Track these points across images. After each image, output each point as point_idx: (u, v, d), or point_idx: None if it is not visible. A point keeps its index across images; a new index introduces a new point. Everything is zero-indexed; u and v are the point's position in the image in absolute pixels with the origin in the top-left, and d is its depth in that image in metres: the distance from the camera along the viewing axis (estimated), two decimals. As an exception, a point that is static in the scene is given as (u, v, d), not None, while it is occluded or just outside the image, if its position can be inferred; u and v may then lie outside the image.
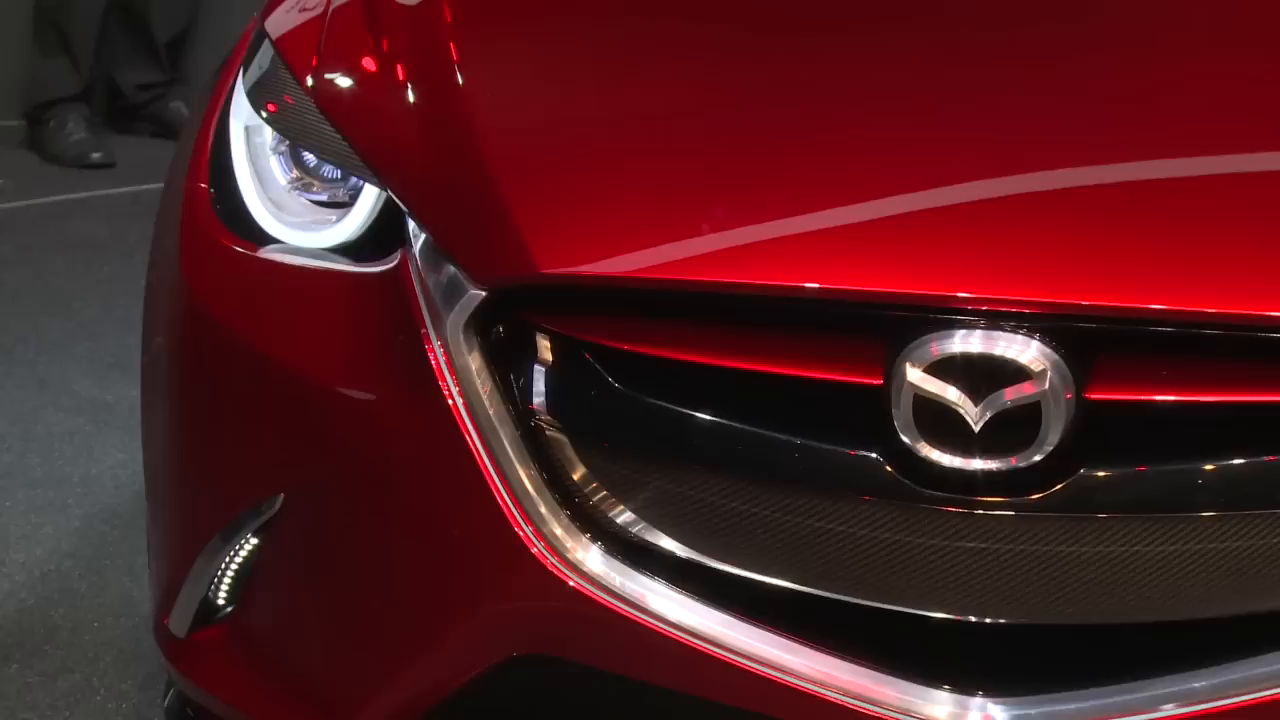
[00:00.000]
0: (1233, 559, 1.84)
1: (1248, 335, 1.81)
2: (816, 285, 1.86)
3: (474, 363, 1.97)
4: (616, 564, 1.97)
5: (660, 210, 1.96)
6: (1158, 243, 1.87)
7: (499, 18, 2.31)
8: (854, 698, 1.91)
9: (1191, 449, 1.83)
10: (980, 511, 1.84)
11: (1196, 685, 1.87)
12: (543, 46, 2.29)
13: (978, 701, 1.90)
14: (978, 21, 2.25)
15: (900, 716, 1.90)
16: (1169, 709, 1.87)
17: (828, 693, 1.92)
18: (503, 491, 1.97)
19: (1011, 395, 1.81)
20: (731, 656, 1.93)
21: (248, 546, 2.22)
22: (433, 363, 1.99)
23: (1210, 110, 2.05)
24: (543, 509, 1.97)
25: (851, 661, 1.92)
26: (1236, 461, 1.82)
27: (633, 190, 1.99)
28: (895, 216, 1.92)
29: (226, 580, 2.26)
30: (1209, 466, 1.82)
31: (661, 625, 1.95)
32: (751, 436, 1.88)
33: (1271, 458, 1.81)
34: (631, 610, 1.95)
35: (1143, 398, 1.82)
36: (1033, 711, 1.88)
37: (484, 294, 1.96)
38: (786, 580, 1.94)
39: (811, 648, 1.93)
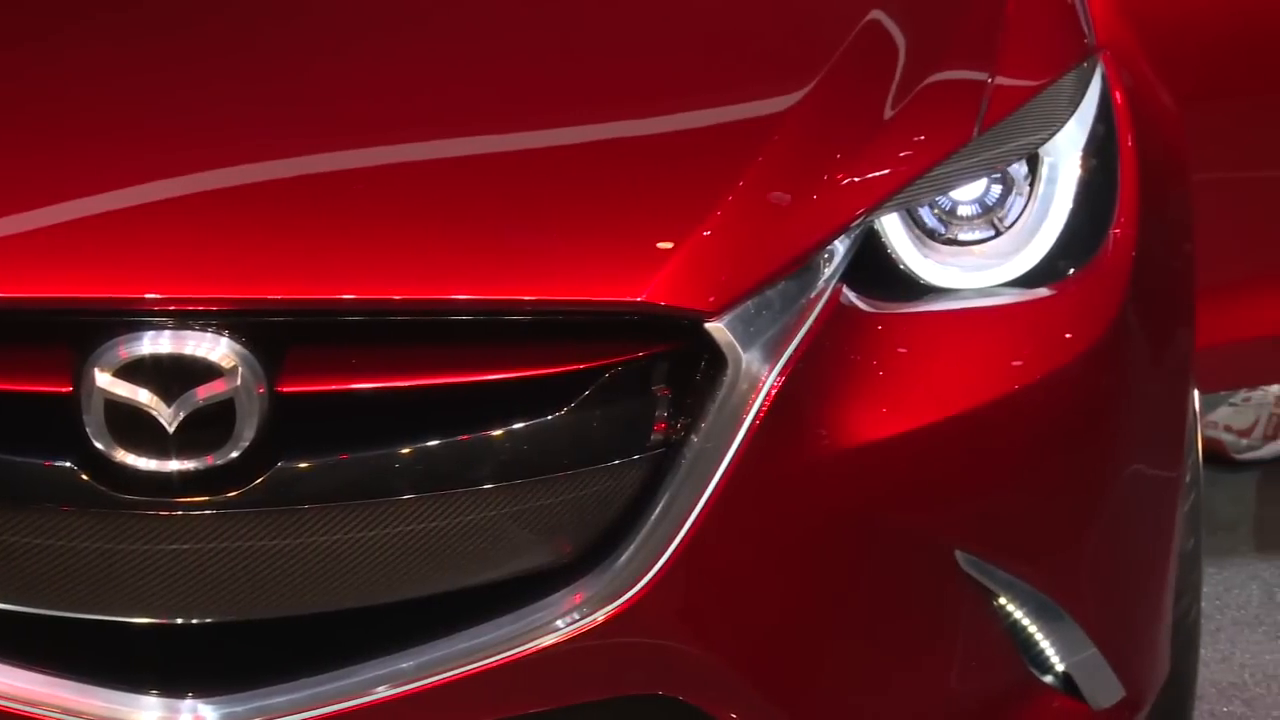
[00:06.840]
0: (432, 538, 1.89)
1: (432, 319, 1.87)
2: None
3: None
4: None
5: None
6: (343, 235, 1.89)
7: None
8: (60, 712, 1.88)
9: (389, 434, 1.86)
10: (180, 513, 1.83)
11: (404, 665, 1.91)
12: None
13: (188, 704, 1.89)
14: (171, 22, 2.25)
15: None
16: (382, 690, 1.91)
17: (32, 710, 1.88)
18: None
19: (204, 394, 1.80)
20: None
21: None
22: None
23: (391, 105, 2.09)
24: None
25: (52, 676, 1.88)
26: (431, 443, 1.86)
27: None
28: (79, 220, 1.90)
29: None
30: (405, 450, 1.86)
31: None
32: None
33: (463, 436, 1.87)
34: None
35: (336, 387, 1.85)
36: (240, 709, 1.89)
37: None
38: (-15, 600, 1.89)
39: (11, 665, 1.88)
